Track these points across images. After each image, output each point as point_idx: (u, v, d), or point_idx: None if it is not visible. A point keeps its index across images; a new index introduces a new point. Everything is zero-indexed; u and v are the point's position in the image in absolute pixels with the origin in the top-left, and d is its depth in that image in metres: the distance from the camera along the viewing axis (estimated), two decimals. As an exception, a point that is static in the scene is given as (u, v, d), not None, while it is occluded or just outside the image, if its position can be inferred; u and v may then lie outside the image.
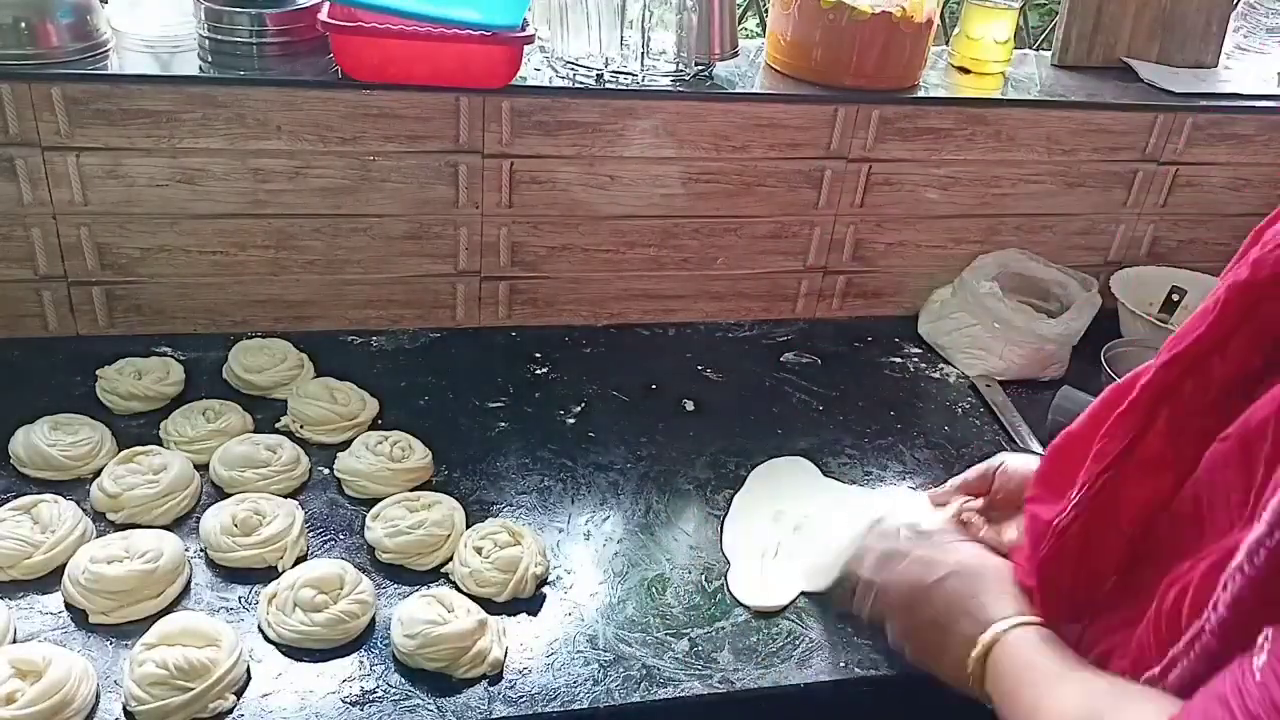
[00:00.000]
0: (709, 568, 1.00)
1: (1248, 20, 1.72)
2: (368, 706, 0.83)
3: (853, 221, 1.39)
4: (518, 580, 0.93)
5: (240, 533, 0.94)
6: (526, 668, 0.88)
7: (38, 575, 0.91)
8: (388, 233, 1.27)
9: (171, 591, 0.90)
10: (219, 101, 1.14)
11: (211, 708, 0.80)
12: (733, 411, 1.24)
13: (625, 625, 0.93)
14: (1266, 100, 1.46)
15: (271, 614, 0.88)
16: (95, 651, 0.85)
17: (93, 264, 1.21)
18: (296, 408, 1.12)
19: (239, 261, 1.24)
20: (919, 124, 1.33)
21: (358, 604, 0.88)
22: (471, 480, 1.08)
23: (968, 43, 1.43)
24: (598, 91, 1.23)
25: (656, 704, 0.86)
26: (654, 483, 1.11)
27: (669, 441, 1.18)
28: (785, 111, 1.29)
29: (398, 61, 1.15)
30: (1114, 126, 1.40)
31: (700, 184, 1.32)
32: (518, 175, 1.26)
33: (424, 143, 1.21)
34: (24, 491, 0.98)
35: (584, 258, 1.34)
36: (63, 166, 1.14)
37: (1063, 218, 1.46)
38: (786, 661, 0.91)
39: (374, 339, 1.31)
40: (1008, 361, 1.33)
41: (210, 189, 1.19)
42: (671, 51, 1.27)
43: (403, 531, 0.96)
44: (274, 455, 1.04)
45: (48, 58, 1.11)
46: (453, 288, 1.33)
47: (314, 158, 1.19)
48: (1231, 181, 1.48)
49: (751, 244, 1.38)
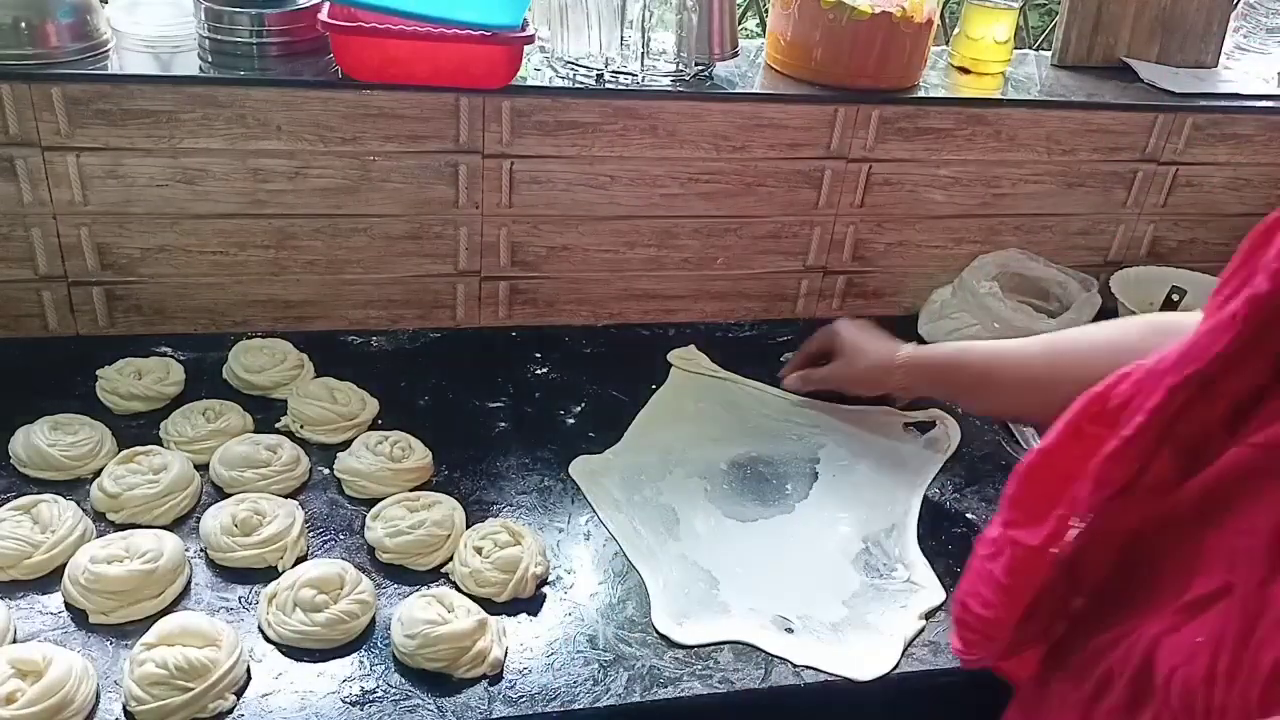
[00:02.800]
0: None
1: (1248, 20, 1.72)
2: (368, 706, 0.83)
3: (853, 221, 1.39)
4: (518, 580, 0.93)
5: (240, 533, 0.94)
6: (526, 668, 0.88)
7: (38, 575, 0.91)
8: (388, 233, 1.27)
9: (171, 591, 0.90)
10: (219, 101, 1.14)
11: (211, 708, 0.80)
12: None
13: (625, 625, 0.93)
14: (1266, 100, 1.46)
15: (271, 614, 0.88)
16: (95, 651, 0.85)
17: (93, 264, 1.21)
18: (296, 408, 1.12)
19: (239, 261, 1.24)
20: (919, 124, 1.33)
21: (358, 604, 0.88)
22: (471, 480, 1.08)
23: (968, 43, 1.43)
24: (598, 91, 1.23)
25: (656, 704, 0.86)
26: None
27: (669, 441, 1.18)
28: (785, 111, 1.29)
29: (398, 61, 1.15)
30: (1114, 127, 1.40)
31: (700, 184, 1.32)
32: (518, 175, 1.26)
33: (424, 143, 1.21)
34: (24, 491, 0.98)
35: (584, 258, 1.34)
36: (63, 166, 1.14)
37: (1063, 218, 1.46)
38: (786, 662, 0.91)
39: (374, 339, 1.31)
40: (1008, 361, 1.33)
41: (210, 189, 1.19)
42: (671, 51, 1.27)
43: (403, 531, 0.96)
44: (274, 455, 1.04)
45: (48, 58, 1.11)
46: (453, 288, 1.33)
47: (314, 158, 1.19)
48: (1231, 181, 1.48)
49: (751, 244, 1.38)
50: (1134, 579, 0.61)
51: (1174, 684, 0.54)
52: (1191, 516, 0.59)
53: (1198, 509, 0.58)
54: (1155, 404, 0.57)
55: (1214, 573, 0.55)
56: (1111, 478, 0.59)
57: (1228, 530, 0.56)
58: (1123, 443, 0.58)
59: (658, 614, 0.94)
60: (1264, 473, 0.54)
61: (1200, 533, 0.58)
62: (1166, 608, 0.57)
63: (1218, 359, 0.55)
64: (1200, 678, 0.52)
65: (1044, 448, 0.67)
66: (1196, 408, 0.56)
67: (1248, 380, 0.56)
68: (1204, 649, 0.53)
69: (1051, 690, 0.66)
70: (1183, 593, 0.56)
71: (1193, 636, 0.54)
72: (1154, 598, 0.59)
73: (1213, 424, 0.57)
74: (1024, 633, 0.65)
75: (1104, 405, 0.63)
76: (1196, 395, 0.56)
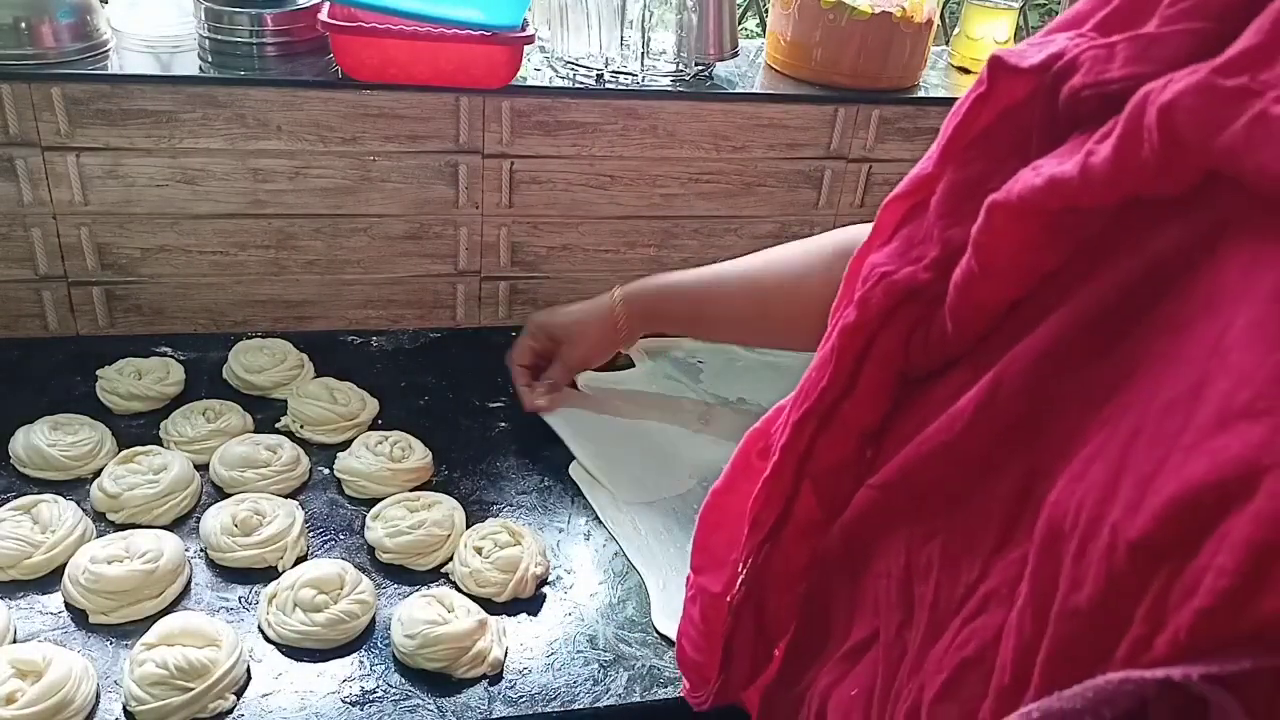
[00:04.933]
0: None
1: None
2: (368, 706, 0.83)
3: (853, 221, 1.39)
4: (518, 580, 0.93)
5: (240, 533, 0.94)
6: (526, 668, 0.88)
7: (38, 575, 0.91)
8: (388, 233, 1.27)
9: (171, 591, 0.90)
10: (219, 101, 1.14)
11: (211, 708, 0.80)
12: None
13: (625, 625, 0.93)
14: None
15: (271, 614, 0.88)
16: (95, 651, 0.85)
17: (93, 264, 1.21)
18: (296, 408, 1.12)
19: (239, 261, 1.24)
20: (919, 124, 1.33)
21: (358, 604, 0.88)
22: (471, 480, 1.08)
23: (968, 43, 1.43)
24: (598, 91, 1.23)
25: (656, 704, 0.86)
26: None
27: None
28: (785, 111, 1.29)
29: (398, 61, 1.15)
30: (1114, 126, 1.39)
31: (700, 184, 1.32)
32: (518, 175, 1.26)
33: (424, 143, 1.21)
34: (24, 491, 0.98)
35: (584, 258, 1.34)
36: (63, 166, 1.14)
37: (1063, 218, 1.46)
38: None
39: (374, 339, 1.31)
40: (1007, 361, 1.33)
41: (210, 189, 1.19)
42: (671, 51, 1.27)
43: (403, 531, 0.96)
44: (274, 455, 1.04)
45: (48, 58, 1.11)
46: (453, 288, 1.33)
47: (314, 158, 1.20)
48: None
49: (752, 244, 1.38)
50: (813, 625, 0.59)
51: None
52: (841, 557, 0.56)
53: (845, 550, 0.56)
54: (785, 441, 0.55)
55: (865, 618, 0.53)
56: (761, 519, 0.57)
57: (871, 573, 0.53)
58: (763, 483, 0.56)
59: (658, 614, 0.94)
60: (888, 513, 0.52)
61: (852, 575, 0.55)
62: (833, 656, 0.55)
63: (825, 393, 0.53)
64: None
65: (717, 488, 0.66)
66: (824, 441, 0.54)
67: (866, 413, 0.53)
68: (858, 703, 0.51)
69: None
70: (844, 640, 0.55)
71: (849, 689, 0.53)
72: (826, 645, 0.57)
73: (848, 458, 0.54)
74: (730, 677, 0.63)
75: (767, 441, 0.61)
76: (819, 430, 0.54)
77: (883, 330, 0.51)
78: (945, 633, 0.46)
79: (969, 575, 0.45)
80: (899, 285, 0.50)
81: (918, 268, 0.50)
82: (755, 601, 0.59)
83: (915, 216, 0.52)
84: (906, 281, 0.50)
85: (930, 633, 0.47)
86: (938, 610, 0.47)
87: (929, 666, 0.46)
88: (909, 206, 0.53)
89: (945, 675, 0.45)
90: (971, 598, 0.45)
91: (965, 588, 0.45)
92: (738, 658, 0.62)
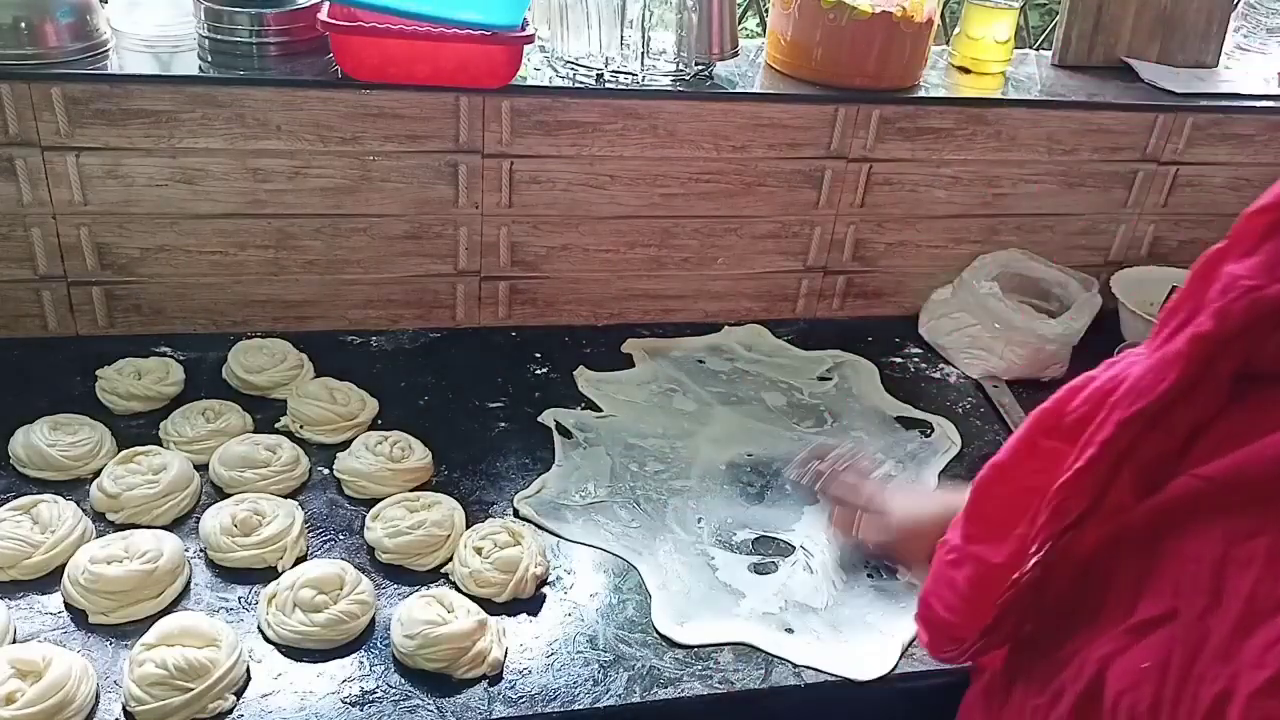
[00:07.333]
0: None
1: (1248, 20, 1.72)
2: (368, 707, 0.82)
3: (853, 221, 1.39)
4: (518, 580, 0.93)
5: (240, 533, 0.94)
6: (526, 668, 0.88)
7: (38, 575, 0.91)
8: (387, 233, 1.26)
9: (171, 592, 0.90)
10: (219, 101, 1.14)
11: (211, 708, 0.80)
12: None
13: (625, 625, 0.93)
14: (1266, 100, 1.46)
15: (271, 614, 0.88)
16: (95, 651, 0.85)
17: (92, 264, 1.21)
18: (296, 408, 1.12)
19: (239, 261, 1.24)
20: (919, 124, 1.33)
21: (358, 604, 0.88)
22: (471, 480, 1.08)
23: (968, 43, 1.43)
24: (598, 91, 1.23)
25: (656, 704, 0.86)
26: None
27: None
28: (785, 111, 1.29)
29: (398, 61, 1.15)
30: (1114, 126, 1.39)
31: (700, 184, 1.32)
32: (518, 175, 1.26)
33: (424, 143, 1.21)
34: (24, 491, 0.98)
35: (584, 258, 1.34)
36: (62, 166, 1.14)
37: (1063, 218, 1.46)
38: (786, 662, 0.91)
39: (374, 339, 1.31)
40: (1008, 362, 1.33)
41: (210, 189, 1.19)
42: (671, 51, 1.27)
43: (403, 531, 0.96)
44: (274, 455, 1.04)
45: (48, 58, 1.11)
46: (452, 288, 1.32)
47: (314, 158, 1.19)
48: (1232, 181, 1.48)
49: (751, 244, 1.38)
50: (1089, 595, 0.61)
51: (1120, 709, 0.55)
52: (1144, 537, 0.59)
53: (1150, 531, 0.58)
54: (1106, 437, 0.57)
55: (1161, 597, 0.56)
56: (1067, 508, 0.59)
57: (1176, 556, 0.56)
58: (1075, 474, 0.58)
59: (658, 614, 0.94)
60: (1211, 504, 0.55)
61: (1150, 555, 0.58)
62: (1116, 627, 0.58)
63: (1164, 395, 0.55)
64: (1146, 706, 0.53)
65: (998, 462, 0.68)
66: (1151, 438, 0.57)
67: (1199, 411, 0.56)
68: (1150, 676, 0.54)
69: (1014, 691, 0.67)
70: (1130, 614, 0.57)
71: (1139, 661, 0.55)
72: (1104, 616, 0.59)
73: (1170, 452, 0.57)
74: (989, 639, 0.66)
75: (1059, 420, 0.63)
76: (1148, 427, 0.56)
77: (1238, 340, 0.53)
78: (1261, 627, 0.49)
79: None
80: (1266, 301, 0.52)
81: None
82: (1043, 581, 0.62)
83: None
84: (1276, 298, 0.52)
85: (1242, 624, 0.50)
86: (1254, 604, 0.50)
87: (1245, 658, 0.49)
88: (1275, 219, 0.54)
89: (1270, 672, 0.47)
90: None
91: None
92: (1007, 622, 0.64)
